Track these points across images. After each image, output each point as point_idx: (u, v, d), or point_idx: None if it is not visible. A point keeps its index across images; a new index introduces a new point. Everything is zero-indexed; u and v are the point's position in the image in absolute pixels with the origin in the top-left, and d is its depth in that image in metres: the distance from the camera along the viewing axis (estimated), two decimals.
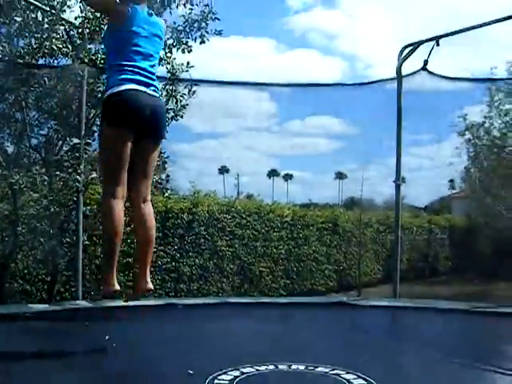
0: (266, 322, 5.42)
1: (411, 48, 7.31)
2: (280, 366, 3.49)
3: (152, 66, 3.71)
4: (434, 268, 17.21)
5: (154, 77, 3.72)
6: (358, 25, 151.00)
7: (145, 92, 3.57)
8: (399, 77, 7.29)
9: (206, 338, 4.61)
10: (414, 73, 7.36)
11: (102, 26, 7.31)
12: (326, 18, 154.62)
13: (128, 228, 4.25)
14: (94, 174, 6.87)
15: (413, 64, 7.53)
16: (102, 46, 7.47)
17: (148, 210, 3.68)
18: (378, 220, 14.97)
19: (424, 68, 7.24)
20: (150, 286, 3.77)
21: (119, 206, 3.49)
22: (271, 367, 3.47)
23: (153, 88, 3.66)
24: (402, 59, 7.28)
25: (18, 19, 6.54)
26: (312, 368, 3.47)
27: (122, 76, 3.52)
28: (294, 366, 3.50)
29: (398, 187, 7.29)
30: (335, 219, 13.82)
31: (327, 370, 3.41)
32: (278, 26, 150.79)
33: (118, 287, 3.62)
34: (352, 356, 3.96)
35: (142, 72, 3.59)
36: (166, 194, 8.93)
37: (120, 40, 3.60)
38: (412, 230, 16.10)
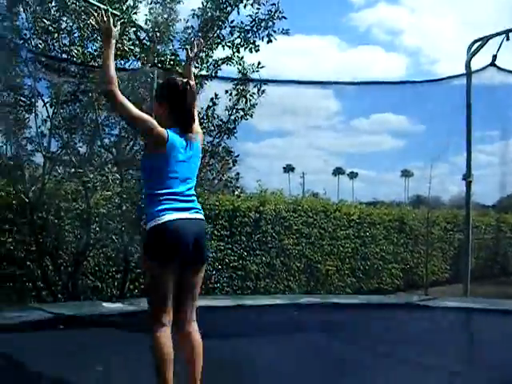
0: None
1: (480, 43, 7.19)
2: None
3: (189, 190, 3.59)
4: (503, 267, 16.81)
5: (194, 198, 3.61)
6: (422, 19, 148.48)
7: (186, 218, 3.47)
8: (468, 72, 7.17)
9: None
10: (483, 68, 7.22)
11: (171, 28, 7.49)
12: (390, 13, 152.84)
13: None
14: None
15: (481, 59, 7.41)
16: (171, 47, 7.66)
17: (194, 330, 3.63)
18: (445, 218, 14.72)
19: (493, 63, 7.10)
20: None
21: (168, 337, 3.45)
22: None
23: (194, 210, 3.55)
24: (471, 54, 7.17)
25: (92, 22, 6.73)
26: None
27: (161, 206, 3.42)
28: None
29: (468, 184, 7.18)
30: (402, 217, 13.66)
31: None
32: (341, 23, 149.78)
33: None
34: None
35: (180, 198, 3.49)
36: (236, 193, 9.01)
37: (157, 167, 3.49)
38: (480, 229, 15.78)
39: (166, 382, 3.41)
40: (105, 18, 3.44)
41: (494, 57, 7.06)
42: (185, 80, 3.61)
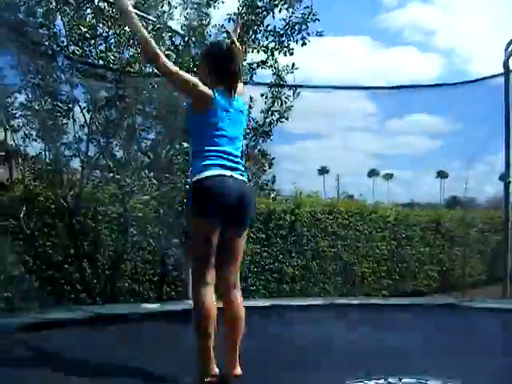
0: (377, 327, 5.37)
1: None
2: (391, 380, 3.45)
3: (237, 149, 3.60)
4: None
5: (240, 160, 3.61)
6: (456, 19, 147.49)
7: (231, 176, 3.45)
8: (507, 72, 7.09)
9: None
10: None
11: (205, 33, 7.53)
12: (423, 13, 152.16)
13: None
14: None
15: None
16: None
17: (236, 297, 3.59)
18: (482, 219, 14.57)
19: None
20: (239, 371, 3.61)
21: (211, 294, 3.44)
22: (381, 382, 3.44)
23: (239, 172, 3.54)
24: (509, 53, 7.08)
25: (127, 29, 6.80)
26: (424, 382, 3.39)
27: (207, 161, 3.43)
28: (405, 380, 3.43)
29: (507, 185, 7.10)
30: (438, 219, 13.56)
31: None
32: (374, 23, 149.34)
33: (217, 371, 3.52)
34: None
35: (226, 156, 3.49)
36: (272, 196, 9.01)
37: (203, 124, 3.51)
38: None
39: (208, 339, 3.40)
40: None
41: None
42: (229, 40, 3.65)
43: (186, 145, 6.84)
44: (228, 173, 3.44)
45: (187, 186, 6.83)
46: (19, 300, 6.98)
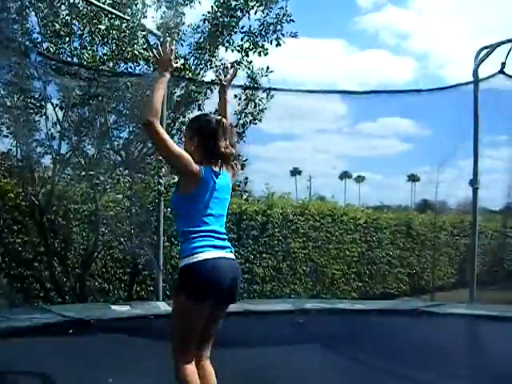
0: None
1: (488, 50, 7.19)
2: None
3: (222, 226, 3.54)
4: (510, 273, 16.80)
5: (226, 236, 3.53)
6: (430, 23, 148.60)
7: (223, 257, 3.41)
8: (476, 80, 7.18)
9: None
10: (491, 76, 7.21)
11: (181, 33, 7.53)
12: (397, 16, 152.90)
13: None
14: (175, 179, 7.04)
15: (489, 64, 7.41)
16: (180, 52, 7.69)
17: (210, 368, 3.58)
18: (451, 223, 14.74)
19: (501, 71, 7.09)
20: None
21: (194, 372, 3.43)
22: None
23: (229, 250, 3.48)
24: (479, 62, 7.18)
25: (102, 27, 6.78)
26: None
27: (197, 243, 3.36)
28: None
29: (475, 191, 7.20)
30: (409, 222, 13.69)
31: None
32: (349, 26, 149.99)
33: None
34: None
35: (215, 235, 3.43)
36: (244, 197, 9.01)
37: (190, 203, 3.44)
38: (486, 234, 15.78)
39: None
40: (168, 49, 3.35)
41: (503, 64, 7.04)
42: (218, 117, 3.54)
43: None
44: (221, 253, 3.40)
45: (158, 187, 6.85)
46: None
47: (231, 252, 3.50)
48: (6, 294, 7.40)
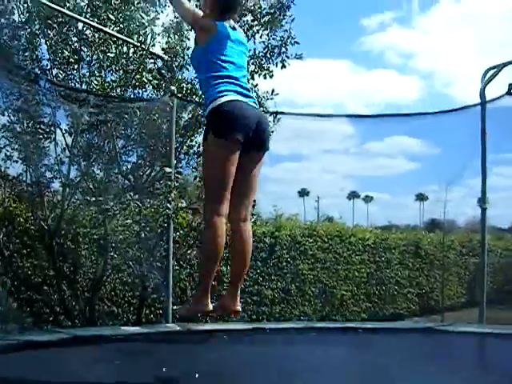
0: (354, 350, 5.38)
1: (494, 71, 7.22)
2: None
3: (244, 77, 3.64)
4: None
5: (249, 87, 3.69)
6: (436, 42, 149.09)
7: (247, 103, 3.46)
8: (483, 101, 7.20)
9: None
10: (498, 98, 7.23)
11: (188, 57, 7.60)
12: (403, 36, 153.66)
13: None
14: (184, 203, 7.12)
15: (496, 84, 7.42)
16: (186, 76, 7.77)
17: (247, 230, 3.56)
18: (460, 242, 14.73)
19: (509, 92, 7.10)
20: (239, 307, 3.66)
21: (223, 225, 3.39)
22: None
23: (252, 100, 3.57)
24: (485, 82, 7.19)
25: (111, 55, 6.87)
26: None
27: (222, 87, 3.42)
28: None
29: (483, 211, 7.20)
30: (417, 242, 13.68)
31: None
32: (354, 46, 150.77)
33: (211, 307, 3.53)
34: None
35: (237, 82, 3.51)
36: (252, 219, 9.03)
37: (210, 53, 3.52)
38: (496, 253, 15.73)
39: (213, 266, 3.43)
40: None
41: (511, 85, 7.05)
42: None
43: (167, 169, 6.86)
44: (244, 99, 3.46)
45: (167, 211, 6.90)
46: None
47: (255, 103, 3.57)
48: (15, 317, 7.42)
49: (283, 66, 7.73)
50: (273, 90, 7.80)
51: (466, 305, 13.77)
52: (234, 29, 3.67)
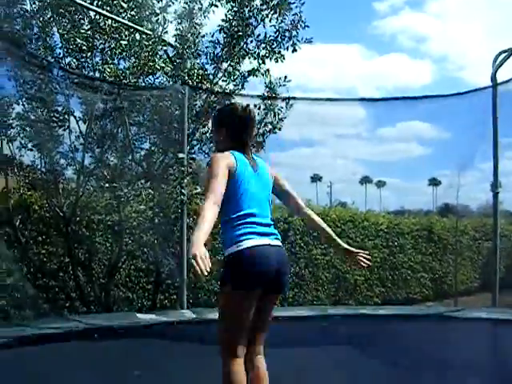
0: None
1: (506, 54, 7.21)
2: None
3: (266, 211, 3.40)
4: None
5: (271, 222, 3.39)
6: (448, 26, 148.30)
7: (268, 245, 3.25)
8: (494, 84, 7.20)
9: None
10: (509, 80, 7.23)
11: (198, 43, 7.64)
12: (415, 20, 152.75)
13: None
14: (198, 189, 7.15)
15: (509, 67, 7.40)
16: (198, 62, 7.79)
17: (263, 363, 3.45)
18: (473, 227, 14.67)
19: None
20: None
21: (241, 367, 3.31)
22: None
23: (274, 237, 3.33)
24: (497, 66, 7.19)
25: (124, 42, 6.91)
26: None
27: (242, 230, 3.24)
28: None
29: (495, 196, 7.20)
30: (430, 227, 13.64)
31: None
32: (366, 31, 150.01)
33: None
34: None
35: (258, 221, 3.30)
36: None
37: (230, 190, 3.27)
38: (510, 237, 15.69)
39: None
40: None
41: None
42: (244, 105, 3.52)
43: (180, 155, 6.91)
44: (266, 241, 3.26)
45: (181, 197, 6.94)
46: (14, 308, 7.03)
47: (277, 239, 3.35)
48: (32, 304, 7.51)
49: (294, 50, 7.75)
50: (285, 77, 7.82)
51: (480, 289, 13.74)
52: (253, 163, 3.45)
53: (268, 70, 7.85)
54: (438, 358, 4.49)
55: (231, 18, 7.72)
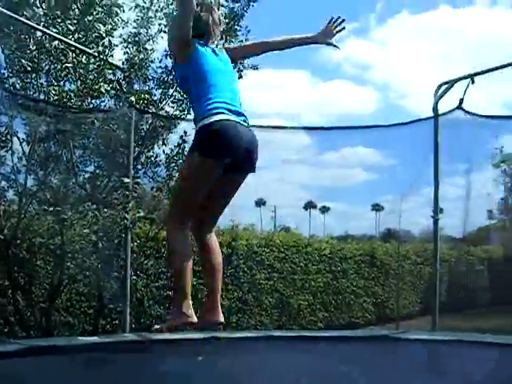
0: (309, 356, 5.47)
1: (447, 86, 7.42)
2: None
3: (235, 96, 3.51)
4: (473, 300, 17.03)
5: (241, 106, 3.50)
6: (391, 54, 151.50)
7: (238, 122, 3.34)
8: (436, 115, 7.40)
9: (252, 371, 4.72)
10: (450, 111, 7.43)
11: (146, 69, 7.64)
12: (359, 48, 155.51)
13: None
14: (142, 213, 7.13)
15: (450, 96, 7.59)
16: (145, 87, 7.81)
17: (214, 240, 3.53)
18: (415, 252, 14.96)
19: (459, 107, 7.31)
20: (222, 318, 3.63)
21: (186, 237, 3.38)
22: None
23: (243, 118, 3.42)
24: (438, 97, 7.39)
25: (69, 65, 6.87)
26: None
27: (213, 105, 3.31)
28: None
29: (436, 222, 7.36)
30: (373, 252, 13.86)
31: None
32: (313, 57, 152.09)
33: (195, 319, 3.44)
34: None
35: (229, 102, 3.39)
36: None
37: (196, 71, 3.42)
38: (450, 262, 16.02)
39: (184, 286, 3.37)
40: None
41: (461, 100, 7.24)
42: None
43: (126, 179, 6.88)
44: (235, 118, 3.35)
45: (125, 221, 6.91)
46: None
47: (245, 122, 3.44)
48: None
49: (240, 77, 7.80)
50: None
51: (421, 313, 13.97)
52: (214, 52, 3.58)
53: None
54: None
55: None
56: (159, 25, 7.87)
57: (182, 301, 3.42)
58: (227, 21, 7.67)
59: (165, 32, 7.82)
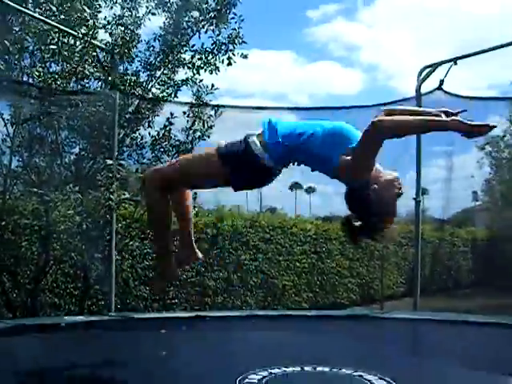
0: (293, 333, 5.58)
1: (430, 69, 7.50)
2: (306, 368, 3.64)
3: None
4: (457, 281, 17.24)
5: None
6: (379, 36, 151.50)
7: None
8: (418, 96, 7.49)
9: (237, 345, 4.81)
10: (430, 92, 7.55)
11: (130, 50, 7.64)
12: (347, 29, 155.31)
13: None
14: (126, 195, 7.17)
15: (434, 78, 7.67)
16: (131, 68, 7.81)
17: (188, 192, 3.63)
18: (400, 233, 15.09)
19: (439, 88, 7.43)
20: (199, 254, 3.81)
21: (166, 196, 3.37)
22: (298, 369, 3.62)
23: None
24: (421, 80, 7.48)
25: (53, 46, 6.85)
26: (336, 370, 3.62)
27: None
28: (319, 368, 3.64)
29: (417, 204, 7.45)
30: None
31: (350, 372, 3.58)
32: (299, 38, 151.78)
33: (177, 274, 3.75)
34: (374, 361, 4.10)
35: None
36: (194, 211, 9.11)
37: None
38: (434, 243, 16.18)
39: (163, 238, 3.48)
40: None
41: (441, 82, 7.37)
42: None
43: (109, 161, 6.91)
44: None
45: (109, 202, 6.95)
46: None
47: None
48: None
49: (229, 64, 7.81)
50: (212, 85, 7.89)
51: (405, 294, 14.13)
52: None
53: (202, 80, 7.89)
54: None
55: (167, 26, 7.78)
56: (147, 7, 7.88)
57: (164, 254, 3.55)
58: (219, 7, 7.67)
59: (153, 14, 7.85)
